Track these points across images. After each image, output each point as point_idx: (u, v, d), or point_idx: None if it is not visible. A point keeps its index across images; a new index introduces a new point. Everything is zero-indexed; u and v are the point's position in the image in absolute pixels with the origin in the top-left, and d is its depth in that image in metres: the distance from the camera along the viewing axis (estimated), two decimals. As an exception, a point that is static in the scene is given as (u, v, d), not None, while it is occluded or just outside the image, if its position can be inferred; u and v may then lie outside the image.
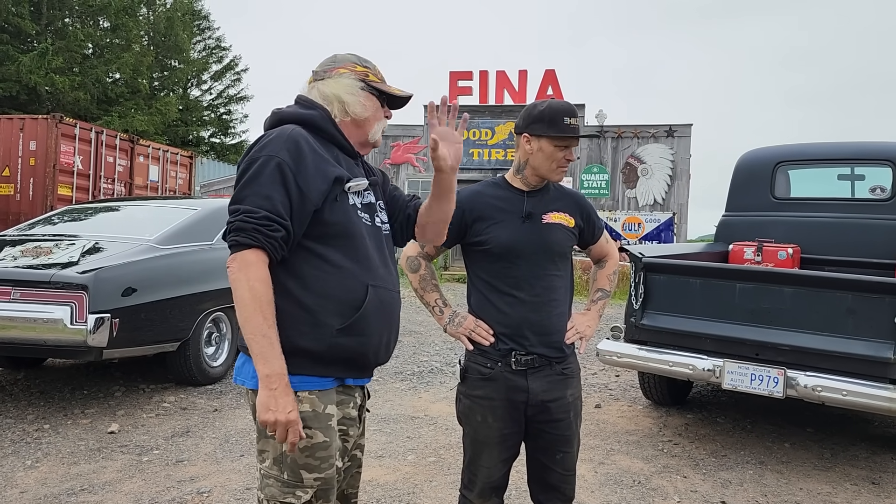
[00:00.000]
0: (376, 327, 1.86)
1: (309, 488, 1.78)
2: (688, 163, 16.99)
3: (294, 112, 1.89)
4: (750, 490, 3.77)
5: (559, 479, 2.31)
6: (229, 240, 1.72)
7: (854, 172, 5.78)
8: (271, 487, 1.79)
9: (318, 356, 1.77)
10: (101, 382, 5.56)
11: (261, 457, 1.82)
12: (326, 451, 1.79)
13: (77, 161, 11.50)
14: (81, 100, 21.27)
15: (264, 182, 1.72)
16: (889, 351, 3.71)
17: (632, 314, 4.58)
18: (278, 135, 1.79)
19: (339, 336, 1.78)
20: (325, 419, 1.79)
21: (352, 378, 1.89)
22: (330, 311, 1.77)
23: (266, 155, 1.75)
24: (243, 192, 1.74)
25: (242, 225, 1.69)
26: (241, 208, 1.72)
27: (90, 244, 5.14)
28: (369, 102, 1.94)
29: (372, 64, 1.99)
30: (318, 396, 1.78)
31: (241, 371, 1.85)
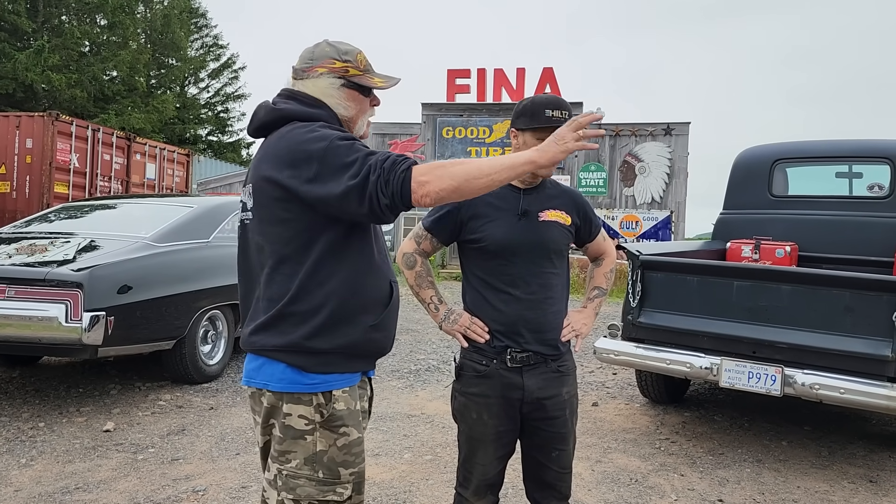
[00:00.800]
0: (394, 321, 1.95)
1: (347, 484, 1.79)
2: (685, 161, 16.99)
3: (301, 111, 1.82)
4: (747, 488, 3.76)
5: (555, 477, 2.29)
6: (398, 178, 1.62)
7: (852, 170, 5.77)
8: (304, 487, 1.76)
9: (354, 351, 1.81)
10: (97, 380, 5.54)
11: (283, 458, 1.77)
12: (360, 445, 1.82)
13: (73, 159, 11.47)
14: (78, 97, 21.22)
15: (359, 147, 1.69)
16: (887, 349, 3.70)
17: (629, 312, 4.56)
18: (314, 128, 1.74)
19: (370, 332, 1.83)
20: (357, 415, 1.83)
21: (370, 369, 1.95)
22: (366, 309, 1.82)
23: (336, 137, 1.71)
24: (357, 162, 1.65)
25: (391, 161, 1.64)
26: (371, 164, 1.64)
27: (86, 242, 5.12)
28: (352, 101, 1.88)
29: (353, 54, 1.88)
30: (349, 394, 1.81)
31: (258, 373, 1.80)
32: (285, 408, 1.77)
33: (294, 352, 1.76)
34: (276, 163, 1.74)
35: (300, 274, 1.75)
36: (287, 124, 1.79)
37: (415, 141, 18.30)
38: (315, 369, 1.76)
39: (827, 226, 5.47)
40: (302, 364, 1.76)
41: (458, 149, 17.87)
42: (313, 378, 1.76)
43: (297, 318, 1.76)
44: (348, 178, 1.64)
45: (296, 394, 1.76)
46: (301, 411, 1.76)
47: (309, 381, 1.76)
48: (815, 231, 5.50)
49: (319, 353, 1.76)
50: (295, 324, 1.76)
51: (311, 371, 1.76)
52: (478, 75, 17.82)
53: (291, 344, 1.75)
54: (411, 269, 2.39)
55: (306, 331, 1.75)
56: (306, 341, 1.75)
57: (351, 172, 1.64)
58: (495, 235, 2.21)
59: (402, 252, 2.41)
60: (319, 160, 1.67)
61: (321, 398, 1.77)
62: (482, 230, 2.22)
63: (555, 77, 17.39)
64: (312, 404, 1.76)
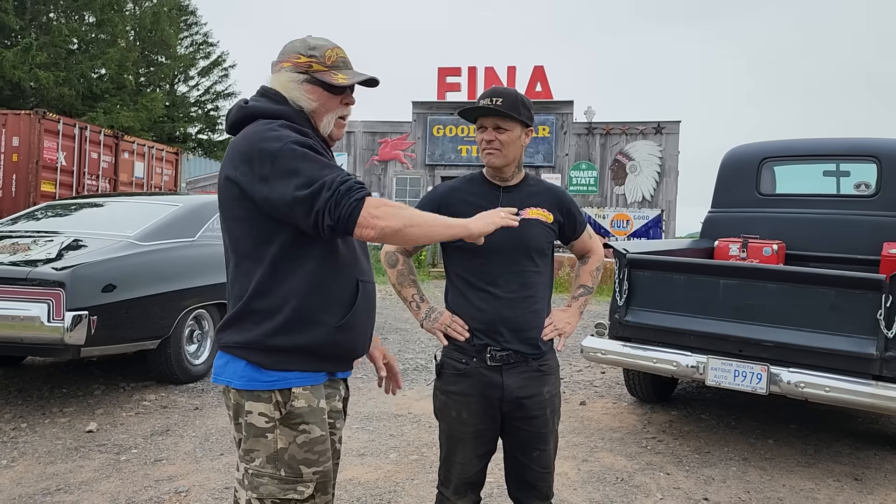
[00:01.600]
0: (363, 322, 1.88)
1: (309, 482, 1.78)
2: (676, 160, 17.00)
3: (266, 109, 1.82)
4: (733, 487, 3.76)
5: (536, 477, 2.28)
6: (348, 205, 1.61)
7: (839, 169, 5.79)
8: (267, 486, 1.76)
9: (316, 352, 1.79)
10: (81, 381, 5.49)
11: (248, 457, 1.79)
12: (323, 444, 1.80)
13: (61, 157, 11.39)
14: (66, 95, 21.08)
15: (315, 158, 1.68)
16: (872, 347, 3.70)
17: (616, 310, 4.55)
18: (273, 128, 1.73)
19: (336, 334, 1.79)
20: (320, 413, 1.80)
21: (340, 371, 1.90)
22: (328, 310, 1.78)
23: (292, 140, 1.70)
24: (311, 172, 1.65)
25: (348, 186, 1.64)
26: (327, 180, 1.63)
27: (69, 240, 5.07)
28: (313, 95, 1.85)
29: (321, 50, 1.86)
30: (311, 392, 1.79)
31: (224, 370, 1.81)
32: (247, 405, 1.78)
33: (253, 349, 1.76)
34: (233, 160, 1.74)
35: (259, 272, 1.76)
36: (253, 122, 1.79)
37: (405, 139, 18.26)
38: (273, 366, 1.76)
39: (814, 224, 5.48)
40: (260, 361, 1.76)
41: (448, 147, 17.84)
42: (272, 375, 1.75)
43: (258, 315, 1.76)
44: (298, 186, 1.64)
45: (255, 391, 1.76)
46: (261, 409, 1.76)
47: (267, 378, 1.75)
48: (803, 229, 5.51)
49: (278, 350, 1.75)
50: (256, 322, 1.76)
51: (269, 368, 1.75)
52: (468, 73, 17.77)
53: (251, 342, 1.76)
54: (393, 267, 2.38)
55: (266, 329, 1.75)
56: (266, 339, 1.75)
57: (302, 181, 1.64)
58: None
59: (385, 251, 2.40)
60: (272, 160, 1.67)
61: (279, 395, 1.76)
62: None
63: (545, 75, 17.37)
64: (272, 402, 1.75)
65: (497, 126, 2.19)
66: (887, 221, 5.16)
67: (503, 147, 2.20)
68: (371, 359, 2.09)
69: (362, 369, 6.14)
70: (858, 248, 5.22)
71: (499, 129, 2.19)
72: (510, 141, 2.20)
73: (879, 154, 5.31)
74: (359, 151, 18.47)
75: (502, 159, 2.22)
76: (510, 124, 2.19)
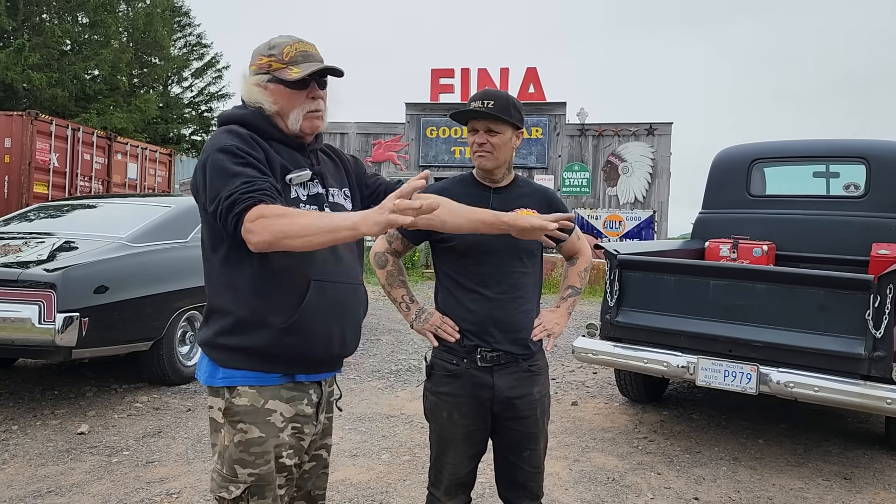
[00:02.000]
0: (322, 322, 1.81)
1: (242, 483, 1.77)
2: (668, 161, 17.06)
3: (231, 113, 1.90)
4: (723, 486, 3.78)
5: (526, 477, 2.29)
6: (231, 222, 1.65)
7: (829, 170, 5.82)
8: (214, 481, 1.82)
9: (261, 354, 1.78)
10: (73, 383, 5.48)
11: (212, 450, 1.86)
12: (262, 446, 1.77)
13: (53, 158, 11.35)
14: (59, 97, 20.99)
15: (228, 166, 1.71)
16: (860, 347, 3.73)
17: (607, 311, 4.57)
18: (216, 135, 1.81)
19: (282, 335, 1.76)
20: (264, 414, 1.79)
21: (302, 374, 1.85)
22: (272, 310, 1.76)
23: (217, 149, 1.75)
24: (215, 187, 1.70)
25: (229, 202, 1.65)
26: (221, 196, 1.68)
27: (61, 242, 5.06)
28: (277, 95, 1.84)
29: (280, 47, 1.84)
30: (258, 391, 1.79)
31: (199, 366, 1.90)
32: (209, 400, 1.86)
33: (211, 346, 1.83)
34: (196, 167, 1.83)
35: (213, 273, 1.84)
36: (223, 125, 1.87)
37: (399, 140, 18.27)
38: (225, 364, 1.80)
39: (804, 225, 5.52)
40: (216, 358, 1.82)
41: (442, 148, 17.86)
42: (224, 373, 1.80)
43: (216, 315, 1.84)
44: (209, 201, 1.72)
45: (213, 387, 1.83)
46: (219, 404, 1.82)
47: (221, 375, 1.80)
48: (793, 230, 5.54)
49: (227, 349, 1.80)
50: (213, 321, 1.84)
51: (222, 366, 1.80)
52: (462, 75, 17.81)
53: (209, 339, 1.83)
54: (382, 268, 2.39)
55: (217, 328, 1.82)
56: (216, 338, 1.81)
57: (211, 195, 1.71)
58: (465, 235, 2.20)
59: (374, 252, 2.40)
60: (201, 170, 1.76)
61: (227, 393, 1.80)
62: None
63: (538, 77, 17.41)
64: (224, 398, 1.80)
65: (488, 129, 2.21)
66: (876, 222, 5.20)
67: (494, 149, 2.22)
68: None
69: (354, 370, 6.15)
70: (848, 248, 5.26)
71: (490, 132, 2.21)
72: (501, 143, 2.22)
73: (868, 155, 5.34)
74: (352, 152, 18.30)
75: (493, 161, 2.24)
76: (501, 127, 2.21)
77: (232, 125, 1.84)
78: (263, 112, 1.86)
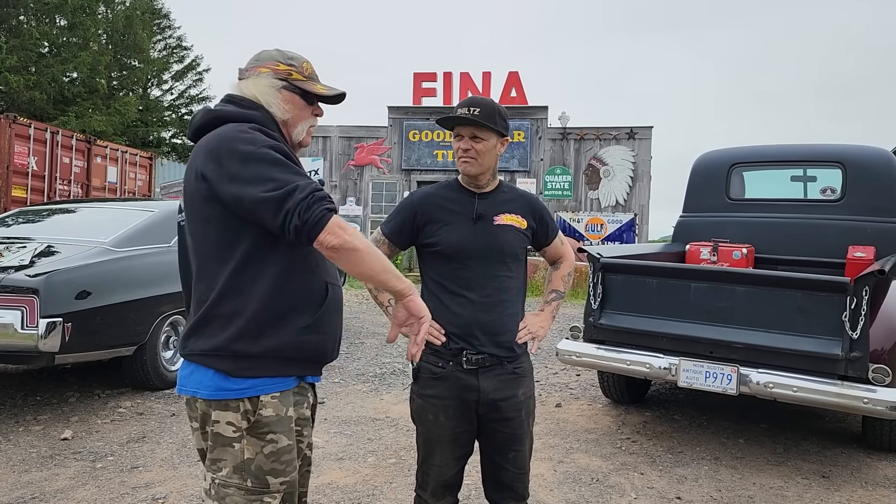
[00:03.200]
0: (333, 324, 1.87)
1: (276, 493, 1.76)
2: (648, 164, 17.22)
3: (236, 112, 1.82)
4: (705, 485, 3.84)
5: (512, 478, 2.33)
6: (318, 211, 1.61)
7: (806, 174, 5.92)
8: (234, 497, 1.74)
9: (285, 354, 1.77)
10: (55, 388, 5.44)
11: (214, 466, 1.76)
12: (290, 454, 1.78)
13: (32, 162, 11.24)
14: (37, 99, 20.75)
15: (289, 164, 1.69)
16: (837, 348, 3.80)
17: (590, 314, 4.63)
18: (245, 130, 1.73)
19: (304, 334, 1.78)
20: (288, 422, 1.79)
21: (310, 375, 1.89)
22: (296, 311, 1.77)
23: (266, 145, 1.70)
24: (283, 175, 1.65)
25: (322, 195, 1.64)
26: (301, 184, 1.64)
27: (43, 247, 5.02)
28: (290, 104, 1.88)
29: (299, 61, 1.91)
30: (280, 400, 1.77)
31: (189, 380, 1.78)
32: (214, 415, 1.75)
33: (220, 356, 1.73)
34: (204, 158, 1.73)
35: (225, 274, 1.73)
36: (226, 125, 1.79)
37: (381, 144, 18.28)
38: (241, 373, 1.73)
39: (782, 228, 5.61)
40: (228, 369, 1.72)
41: (424, 152, 17.88)
42: (240, 383, 1.73)
43: (223, 319, 1.73)
44: (269, 188, 1.63)
45: (223, 401, 1.73)
46: (229, 418, 1.73)
47: (236, 386, 1.73)
48: (771, 233, 5.63)
49: (245, 356, 1.72)
50: (220, 326, 1.73)
51: (237, 375, 1.73)
52: (444, 79, 17.85)
53: (217, 347, 1.73)
54: (369, 273, 2.40)
55: (231, 333, 1.72)
56: (232, 344, 1.72)
57: (273, 185, 1.63)
58: (451, 239, 2.24)
59: None
60: (244, 161, 1.67)
61: (248, 404, 1.73)
62: (438, 234, 2.25)
63: (520, 81, 17.50)
64: (240, 410, 1.73)
65: (473, 135, 2.24)
66: (852, 225, 5.30)
67: (479, 156, 2.25)
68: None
69: (339, 374, 6.15)
70: (825, 251, 5.35)
71: (475, 139, 2.24)
72: (486, 150, 2.25)
73: (844, 160, 5.45)
74: (335, 156, 18.44)
75: (478, 168, 2.28)
76: (486, 134, 2.24)
77: (254, 125, 1.78)
78: (272, 116, 1.86)
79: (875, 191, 5.30)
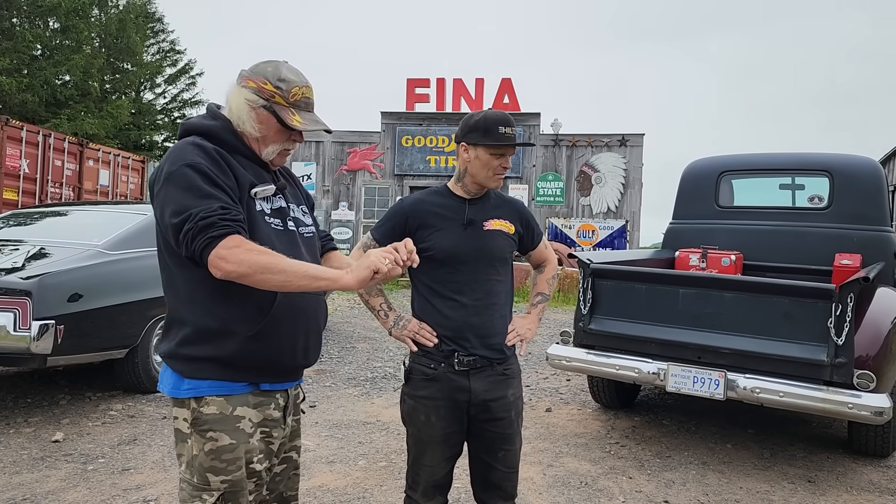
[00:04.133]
0: (288, 331, 1.85)
1: (215, 491, 1.77)
2: (640, 172, 17.33)
3: (198, 123, 1.88)
4: (692, 490, 3.88)
5: (501, 478, 2.36)
6: (201, 241, 1.65)
7: (794, 182, 5.99)
8: (184, 491, 1.81)
9: (228, 363, 1.78)
10: (46, 391, 5.44)
11: (179, 460, 1.84)
12: (233, 453, 1.78)
13: (23, 165, 11.23)
14: (29, 102, 20.71)
15: (200, 185, 1.70)
16: (823, 353, 3.86)
17: (580, 319, 4.67)
18: (183, 147, 1.79)
19: (248, 343, 1.78)
20: (234, 421, 1.79)
21: (267, 383, 1.86)
22: (238, 319, 1.77)
23: (187, 164, 1.73)
24: (185, 201, 1.69)
25: (206, 223, 1.66)
26: (193, 212, 1.67)
27: (35, 249, 5.03)
28: (263, 124, 1.86)
29: (289, 85, 1.86)
30: (226, 399, 1.79)
31: (161, 379, 1.88)
32: (174, 411, 1.85)
33: (174, 358, 1.81)
34: (156, 173, 1.82)
35: (175, 281, 1.82)
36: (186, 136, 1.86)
37: (374, 149, 18.32)
38: (189, 375, 1.79)
39: (770, 236, 5.67)
40: (180, 370, 1.80)
41: (417, 157, 17.94)
42: (189, 384, 1.79)
43: (177, 325, 1.82)
44: (172, 213, 1.70)
45: (178, 398, 1.82)
46: (184, 414, 1.81)
47: (186, 386, 1.79)
48: (759, 240, 5.69)
49: (191, 359, 1.79)
50: (175, 331, 1.82)
51: (186, 377, 1.79)
52: (437, 85, 17.93)
53: (171, 351, 1.82)
54: (361, 277, 2.44)
55: (179, 339, 1.80)
56: (179, 349, 1.80)
57: (175, 209, 1.69)
58: (442, 244, 2.28)
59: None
60: (165, 181, 1.74)
61: (194, 403, 1.79)
62: (429, 239, 2.30)
63: (513, 88, 17.60)
64: (189, 408, 1.80)
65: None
66: (839, 233, 5.37)
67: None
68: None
69: (330, 378, 6.17)
70: (812, 258, 5.42)
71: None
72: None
73: (831, 168, 5.52)
74: (327, 161, 18.47)
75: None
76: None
77: (196, 137, 1.83)
78: (233, 127, 1.87)
79: (861, 199, 5.37)
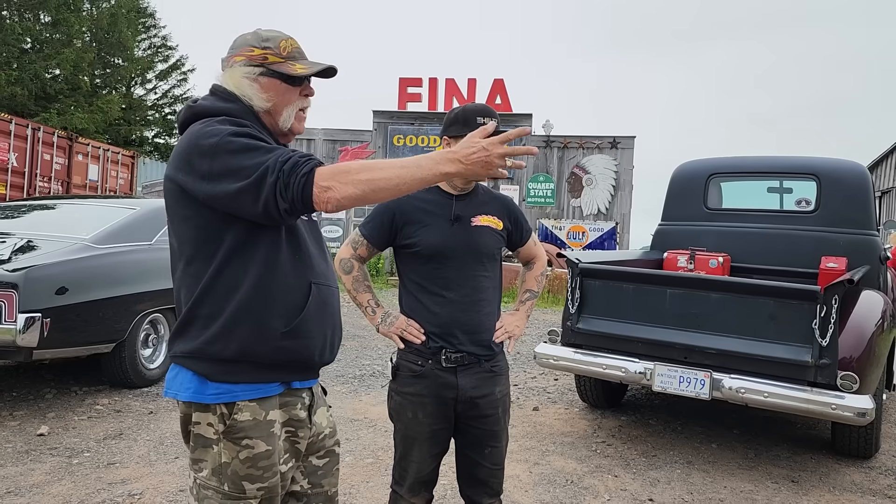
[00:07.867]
0: (319, 327, 1.77)
1: (252, 499, 1.70)
2: (630, 174, 17.40)
3: (212, 106, 1.73)
4: (677, 488, 3.90)
5: (487, 474, 2.37)
6: (297, 183, 1.51)
7: (782, 185, 6.03)
8: (212, 499, 1.70)
9: (262, 360, 1.69)
10: (32, 384, 5.41)
11: (196, 466, 1.73)
12: (269, 459, 1.71)
13: (12, 158, 11.16)
14: (18, 95, 20.57)
15: (255, 144, 1.58)
16: (807, 354, 3.89)
17: (568, 318, 4.69)
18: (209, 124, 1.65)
19: (283, 339, 1.69)
20: (267, 427, 1.71)
21: (297, 381, 1.80)
22: (274, 314, 1.68)
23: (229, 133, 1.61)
24: (249, 161, 1.55)
25: (290, 165, 1.53)
26: (269, 164, 1.53)
27: (22, 242, 5.00)
28: (270, 91, 1.75)
29: (275, 41, 1.75)
30: (258, 404, 1.70)
31: (173, 382, 1.73)
32: (195, 416, 1.71)
33: (198, 358, 1.68)
34: (175, 160, 1.68)
35: (206, 274, 1.67)
36: (197, 122, 1.70)
37: (366, 148, 18.31)
38: (218, 378, 1.67)
39: (758, 238, 5.71)
40: (206, 372, 1.67)
41: (408, 156, 17.93)
42: (217, 387, 1.67)
43: (202, 321, 1.68)
44: (241, 177, 1.54)
45: (202, 403, 1.69)
46: (209, 419, 1.69)
47: (213, 390, 1.67)
48: (747, 243, 5.73)
49: (222, 360, 1.67)
50: (200, 327, 1.68)
51: (215, 380, 1.67)
52: (429, 84, 17.95)
53: (195, 350, 1.67)
54: (348, 274, 2.45)
55: (208, 335, 1.66)
56: (208, 346, 1.66)
57: (244, 173, 1.55)
58: (429, 240, 2.29)
59: (339, 258, 2.46)
60: (210, 155, 1.59)
61: (224, 408, 1.68)
62: (416, 235, 2.30)
63: (505, 88, 17.64)
64: (217, 413, 1.68)
65: None
66: (825, 236, 5.41)
67: None
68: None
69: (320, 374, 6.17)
70: (799, 261, 5.46)
71: None
72: None
73: (819, 172, 5.56)
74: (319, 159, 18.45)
75: None
76: None
77: (222, 117, 1.68)
78: (252, 109, 1.75)
79: (848, 203, 5.41)
